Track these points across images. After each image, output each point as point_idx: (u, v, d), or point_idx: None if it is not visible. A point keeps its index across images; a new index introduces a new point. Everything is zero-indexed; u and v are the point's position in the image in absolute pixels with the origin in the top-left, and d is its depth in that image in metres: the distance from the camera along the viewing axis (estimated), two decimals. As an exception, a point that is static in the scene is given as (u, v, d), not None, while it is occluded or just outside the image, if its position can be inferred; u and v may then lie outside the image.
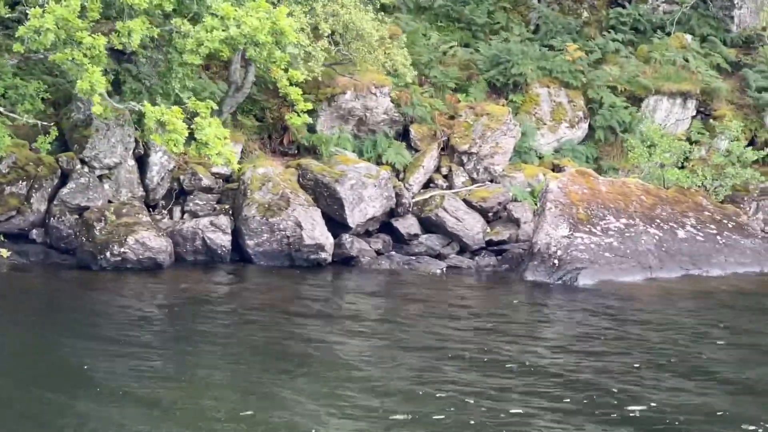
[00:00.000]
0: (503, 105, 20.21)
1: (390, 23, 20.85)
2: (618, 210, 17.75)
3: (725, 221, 18.73)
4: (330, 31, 16.80)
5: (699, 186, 19.18)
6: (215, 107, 15.30)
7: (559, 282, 16.61)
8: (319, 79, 17.12)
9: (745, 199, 20.90)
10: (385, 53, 17.14)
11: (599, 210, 17.56)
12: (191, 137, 14.02)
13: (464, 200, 18.88)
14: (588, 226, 17.24)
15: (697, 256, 17.95)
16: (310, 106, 15.81)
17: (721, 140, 21.25)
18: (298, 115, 15.74)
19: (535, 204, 18.38)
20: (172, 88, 15.37)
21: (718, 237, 18.37)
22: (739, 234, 18.67)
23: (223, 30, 14.55)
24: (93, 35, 13.59)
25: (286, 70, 15.49)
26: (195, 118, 14.00)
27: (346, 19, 16.88)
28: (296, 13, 16.48)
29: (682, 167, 20.14)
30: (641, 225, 17.75)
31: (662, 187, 18.92)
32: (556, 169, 19.94)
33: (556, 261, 16.80)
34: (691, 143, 20.75)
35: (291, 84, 15.53)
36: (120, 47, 14.26)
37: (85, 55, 13.53)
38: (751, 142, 21.63)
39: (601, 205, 17.64)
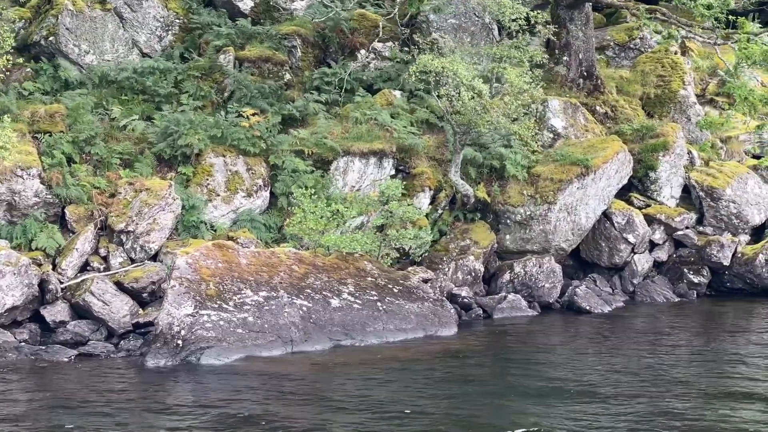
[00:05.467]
0: (171, 178, 19.22)
1: (54, 99, 20.06)
2: (258, 283, 16.69)
3: (390, 286, 17.78)
4: None
5: (371, 250, 18.26)
6: None
7: (183, 363, 15.44)
8: None
9: (444, 259, 20.09)
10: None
11: (234, 284, 16.48)
12: None
13: (117, 282, 17.77)
14: (218, 302, 16.13)
15: (351, 325, 16.93)
16: None
17: (418, 198, 20.51)
18: None
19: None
20: None
21: (379, 303, 17.39)
22: (405, 299, 17.71)
23: None
24: None
25: None
26: None
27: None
28: None
29: (381, 230, 19.34)
30: (286, 296, 16.70)
31: (327, 254, 17.95)
32: (232, 241, 18.88)
33: (179, 342, 15.64)
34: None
35: None
36: None
37: None
38: (452, 200, 20.88)
39: (237, 279, 16.57)
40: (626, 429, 11.82)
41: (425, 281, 18.95)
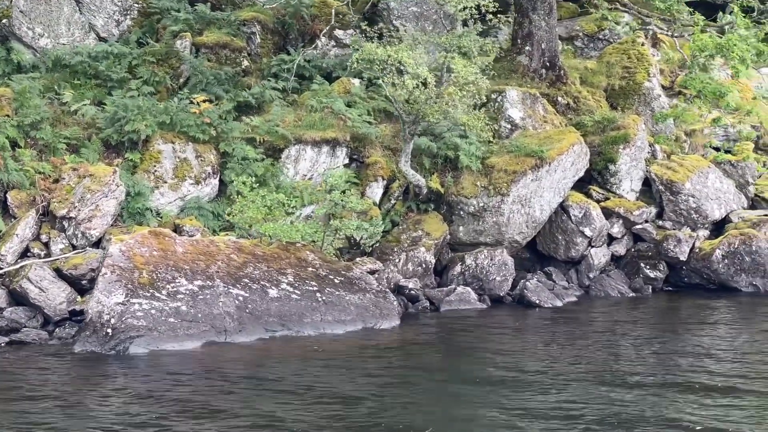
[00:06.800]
0: (118, 165, 19.02)
1: (2, 83, 19.88)
2: (194, 271, 16.49)
3: (331, 277, 17.56)
4: None
5: (314, 240, 18.06)
6: None
7: (112, 352, 15.25)
8: None
9: (395, 250, 19.87)
10: None
11: (169, 273, 16.28)
12: None
13: (56, 269, 17.58)
14: (151, 290, 15.93)
15: (288, 315, 16.72)
16: None
17: (371, 188, 20.30)
18: None
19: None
20: None
21: (318, 294, 17.17)
22: (346, 290, 17.48)
23: None
24: None
25: None
26: None
27: None
28: None
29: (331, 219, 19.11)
30: (222, 286, 16.49)
31: (270, 243, 17.72)
32: (178, 229, 18.73)
33: (109, 330, 15.44)
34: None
35: None
36: None
37: None
38: (406, 190, 20.64)
39: (172, 268, 16.37)
40: (562, 416, 11.67)
41: (372, 272, 18.73)
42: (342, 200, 17.73)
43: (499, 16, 19.77)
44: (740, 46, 17.96)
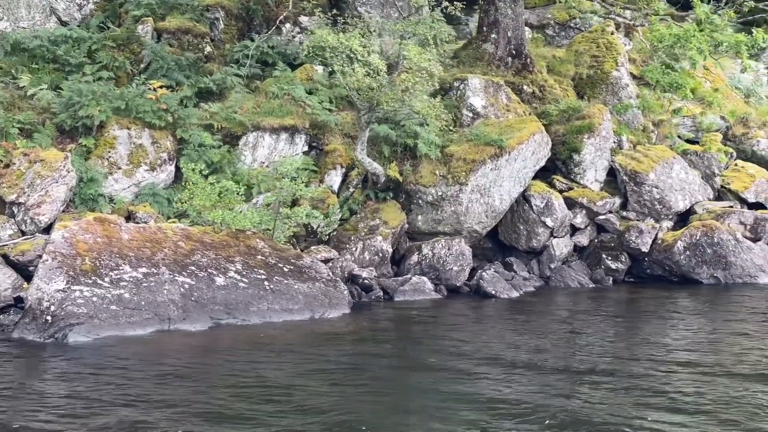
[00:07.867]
0: (71, 150, 18.85)
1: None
2: (139, 259, 16.33)
3: (281, 265, 17.39)
4: None
5: (265, 228, 17.88)
6: None
7: (50, 340, 15.10)
8: None
9: (352, 238, 19.71)
10: None
11: (113, 260, 16.12)
12: None
13: (4, 255, 17.43)
14: (93, 277, 15.78)
15: (234, 304, 16.56)
16: None
17: (330, 176, 20.12)
18: None
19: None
20: None
21: (267, 282, 17.01)
22: (296, 278, 17.32)
23: None
24: None
25: None
26: None
27: None
28: None
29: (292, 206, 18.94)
30: (167, 273, 16.33)
31: (219, 230, 17.55)
32: (132, 215, 18.58)
33: (48, 317, 15.29)
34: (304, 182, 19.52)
35: None
36: None
37: None
38: (365, 178, 20.46)
39: (116, 255, 16.21)
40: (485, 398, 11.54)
41: (327, 261, 18.58)
42: (292, 188, 17.53)
43: (455, 3, 19.50)
44: (698, 36, 17.71)
